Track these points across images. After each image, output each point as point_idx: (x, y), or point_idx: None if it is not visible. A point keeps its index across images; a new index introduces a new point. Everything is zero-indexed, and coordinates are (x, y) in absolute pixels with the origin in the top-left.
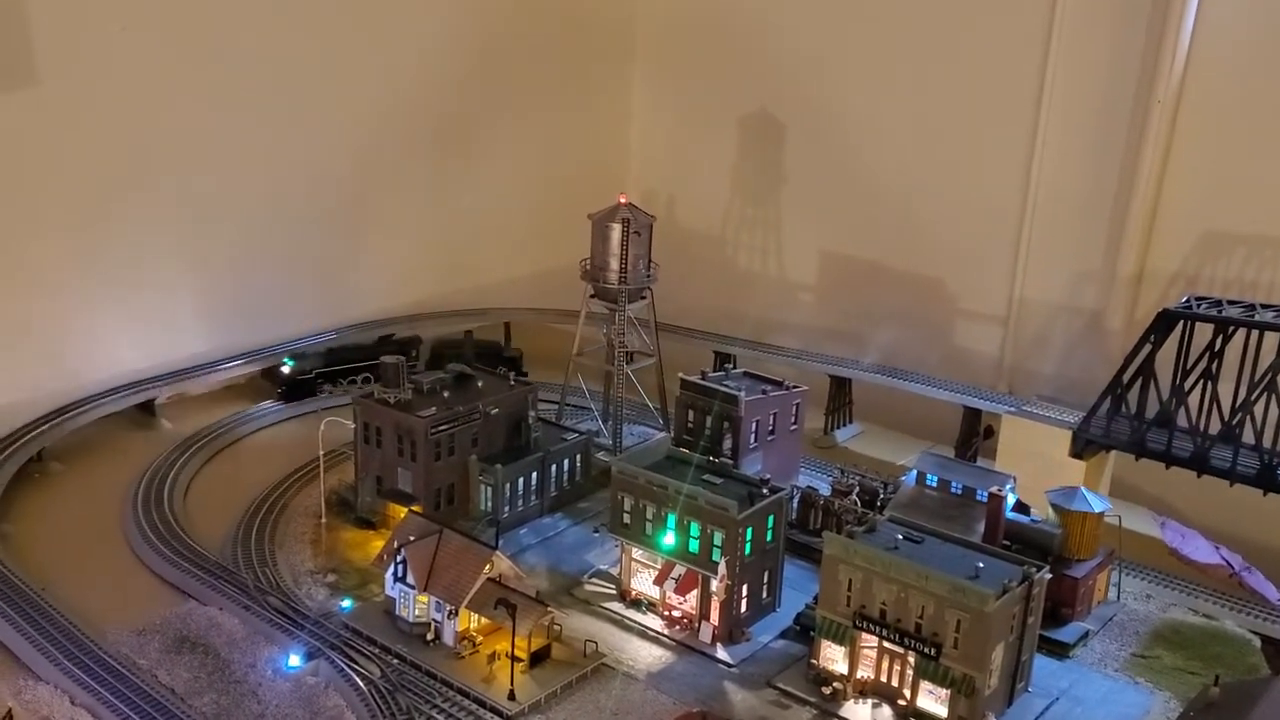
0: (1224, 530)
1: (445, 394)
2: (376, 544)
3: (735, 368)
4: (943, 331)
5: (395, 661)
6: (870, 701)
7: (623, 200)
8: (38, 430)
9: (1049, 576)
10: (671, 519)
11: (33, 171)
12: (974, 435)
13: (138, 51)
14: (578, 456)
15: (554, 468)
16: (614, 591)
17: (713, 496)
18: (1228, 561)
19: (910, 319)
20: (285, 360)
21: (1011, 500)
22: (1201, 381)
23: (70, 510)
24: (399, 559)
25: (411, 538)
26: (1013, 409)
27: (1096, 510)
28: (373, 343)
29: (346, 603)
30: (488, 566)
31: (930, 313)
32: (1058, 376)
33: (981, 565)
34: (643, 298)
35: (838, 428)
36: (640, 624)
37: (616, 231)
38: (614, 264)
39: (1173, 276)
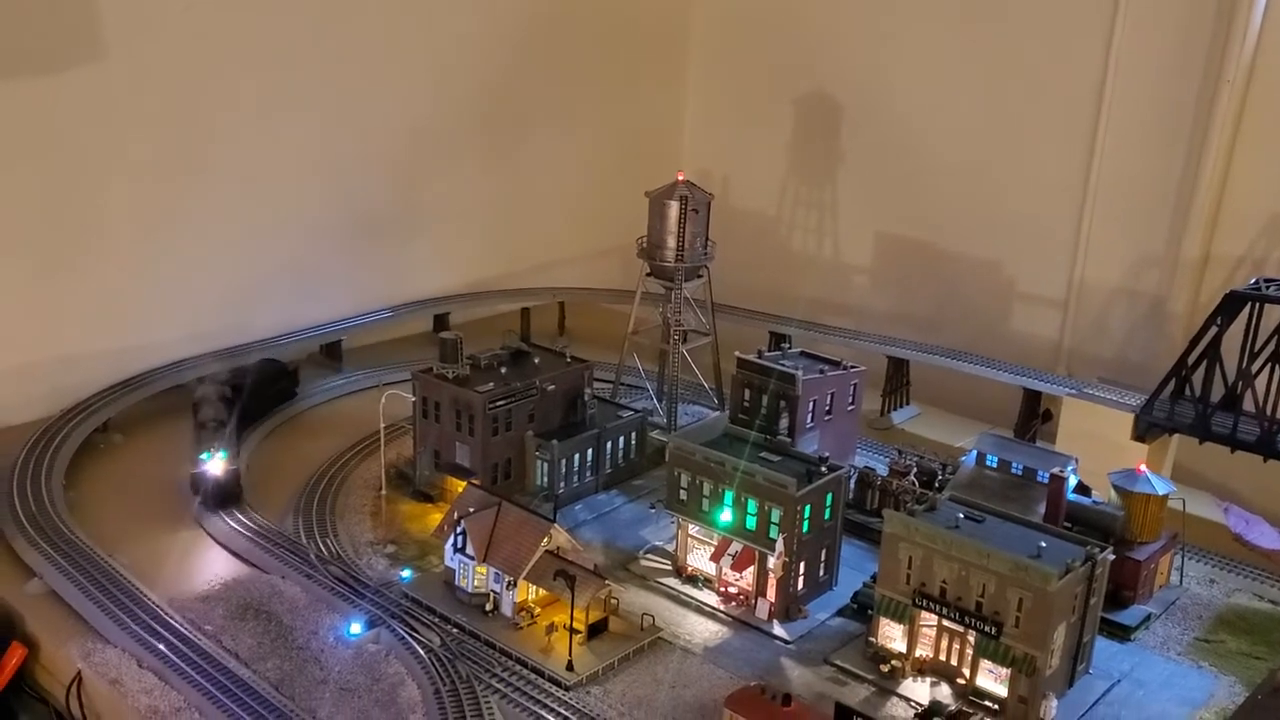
0: None
1: (502, 370)
2: (435, 517)
3: (791, 347)
4: (1001, 315)
5: (454, 631)
6: (929, 680)
7: (681, 178)
8: (104, 400)
9: (1112, 558)
10: (729, 496)
11: (100, 145)
12: (1033, 418)
13: (201, 30)
14: (633, 434)
15: (609, 445)
16: (670, 567)
17: (771, 473)
18: None
19: (968, 302)
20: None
21: (1073, 482)
22: (1269, 365)
23: (135, 480)
24: (459, 530)
25: (471, 509)
26: (1073, 391)
27: (1160, 492)
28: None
29: (406, 573)
30: (546, 539)
31: (988, 295)
32: (1118, 361)
33: (1044, 545)
34: (699, 276)
35: (895, 409)
36: (696, 600)
37: (674, 209)
38: (671, 241)
39: (1239, 260)
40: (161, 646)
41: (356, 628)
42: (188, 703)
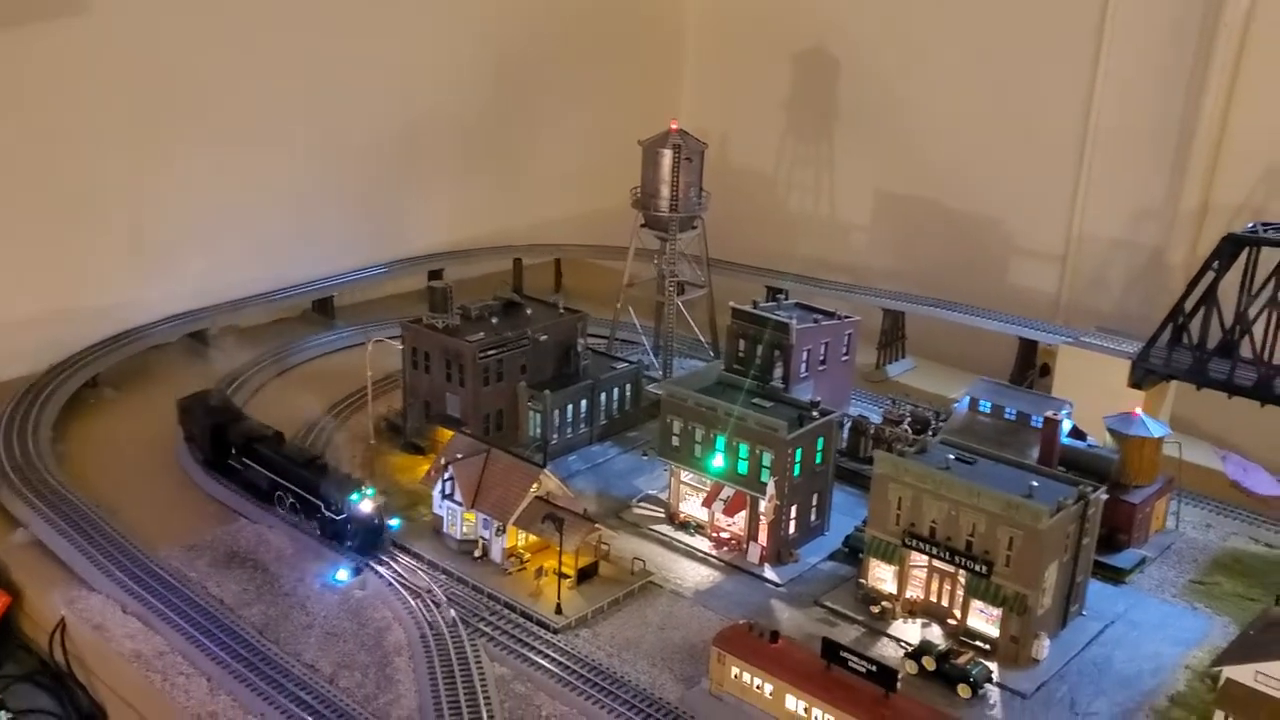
0: None
1: (494, 321)
2: (425, 467)
3: (788, 299)
4: (999, 270)
5: (443, 577)
6: (920, 621)
7: (674, 126)
8: (93, 356)
9: (1105, 498)
10: (721, 441)
11: (88, 101)
12: (1029, 368)
13: None
14: (627, 386)
15: (603, 396)
16: (662, 515)
17: (762, 417)
18: None
19: (967, 258)
20: None
21: (1067, 426)
22: (1267, 310)
23: (124, 434)
24: (446, 476)
25: (459, 455)
26: (1070, 339)
27: (1155, 435)
28: None
29: (395, 521)
30: (535, 484)
31: (987, 251)
32: (1117, 314)
33: (1035, 484)
34: (694, 227)
35: (890, 363)
36: (688, 545)
37: (668, 157)
38: (665, 191)
39: (1237, 210)
40: (145, 593)
41: (343, 574)
42: (172, 647)
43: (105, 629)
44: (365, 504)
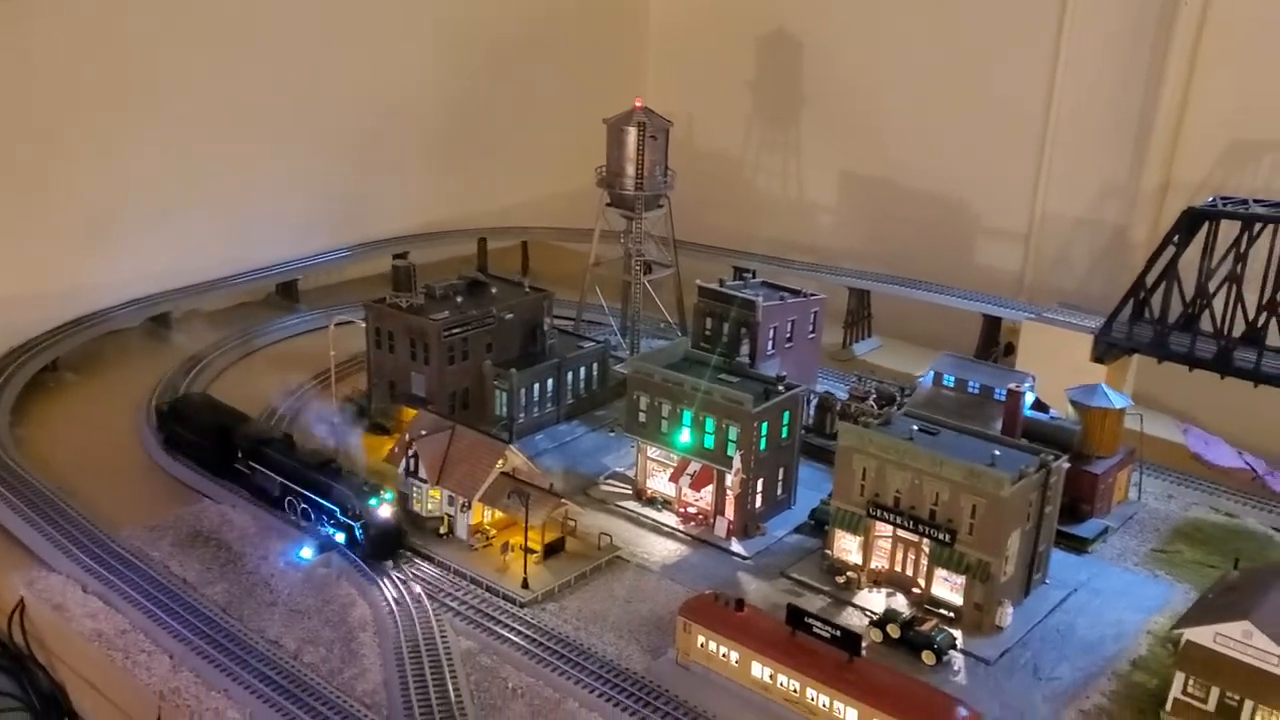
0: (1247, 443)
1: (458, 299)
2: (389, 446)
3: (755, 278)
4: (964, 250)
5: (408, 553)
6: (884, 591)
7: (639, 104)
8: (52, 340)
9: (1067, 466)
10: (687, 416)
11: (49, 84)
12: (993, 346)
13: None
14: (594, 365)
15: (570, 375)
16: (630, 491)
17: (729, 391)
18: (1251, 465)
19: (932, 239)
20: None
21: (1030, 399)
22: (1226, 284)
23: (84, 417)
24: (411, 453)
25: (423, 432)
26: (1033, 315)
27: (1117, 406)
28: None
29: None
30: (501, 460)
31: (952, 232)
32: (1080, 292)
33: (998, 453)
34: (659, 206)
35: (857, 342)
36: (656, 521)
37: (632, 135)
38: (630, 169)
39: (1198, 187)
40: (106, 572)
41: (308, 552)
42: (133, 625)
43: (65, 609)
44: (383, 509)
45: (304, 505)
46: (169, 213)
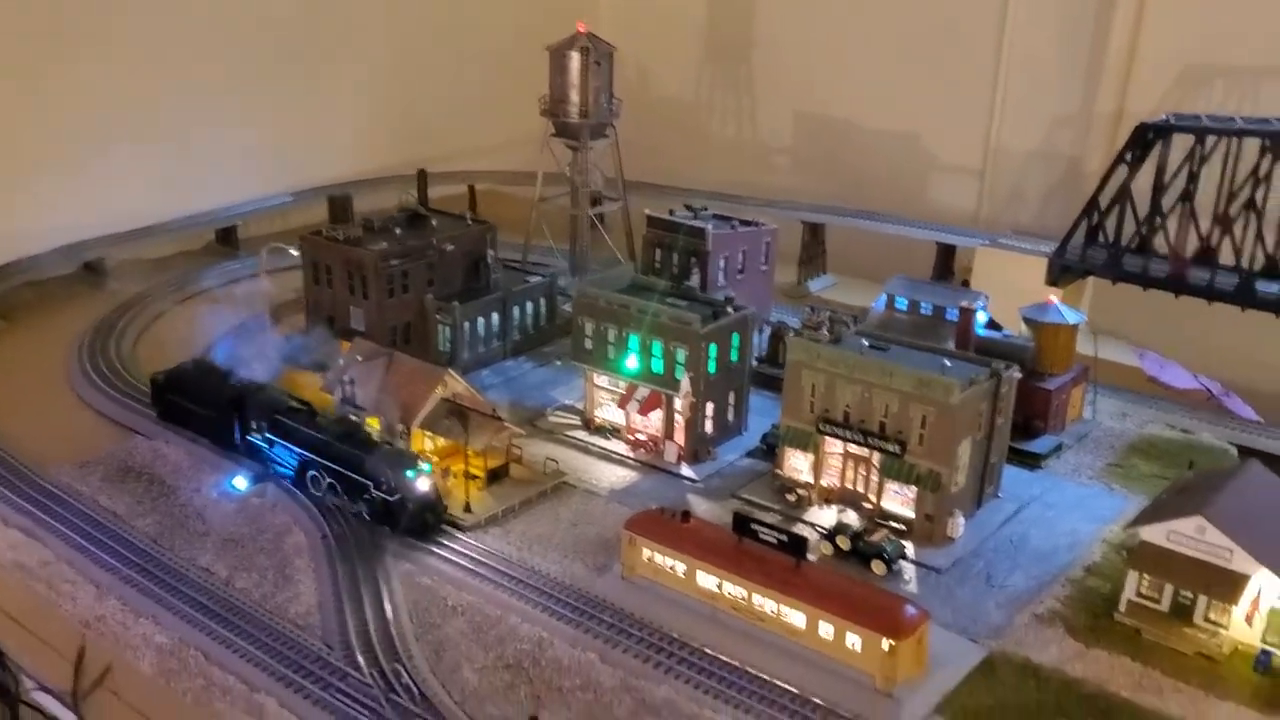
0: (1201, 370)
1: (397, 232)
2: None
3: (707, 212)
4: (919, 188)
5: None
6: (835, 507)
7: (581, 28)
8: None
9: (1019, 376)
10: (634, 340)
11: None
12: (947, 275)
13: None
14: (541, 300)
15: (516, 310)
16: (578, 422)
17: (675, 312)
18: (1206, 387)
19: (888, 177)
20: None
21: (983, 319)
22: (1180, 203)
23: (14, 362)
24: (347, 380)
25: (359, 358)
26: (986, 241)
27: (1070, 322)
28: None
29: None
30: (440, 386)
31: (906, 169)
32: (1036, 226)
33: (948, 364)
34: (605, 136)
35: (811, 279)
36: (604, 449)
37: (575, 61)
38: (574, 96)
39: (1151, 114)
40: (29, 505)
41: (241, 482)
42: (57, 557)
43: None
44: (421, 481)
45: (329, 480)
46: (98, 156)
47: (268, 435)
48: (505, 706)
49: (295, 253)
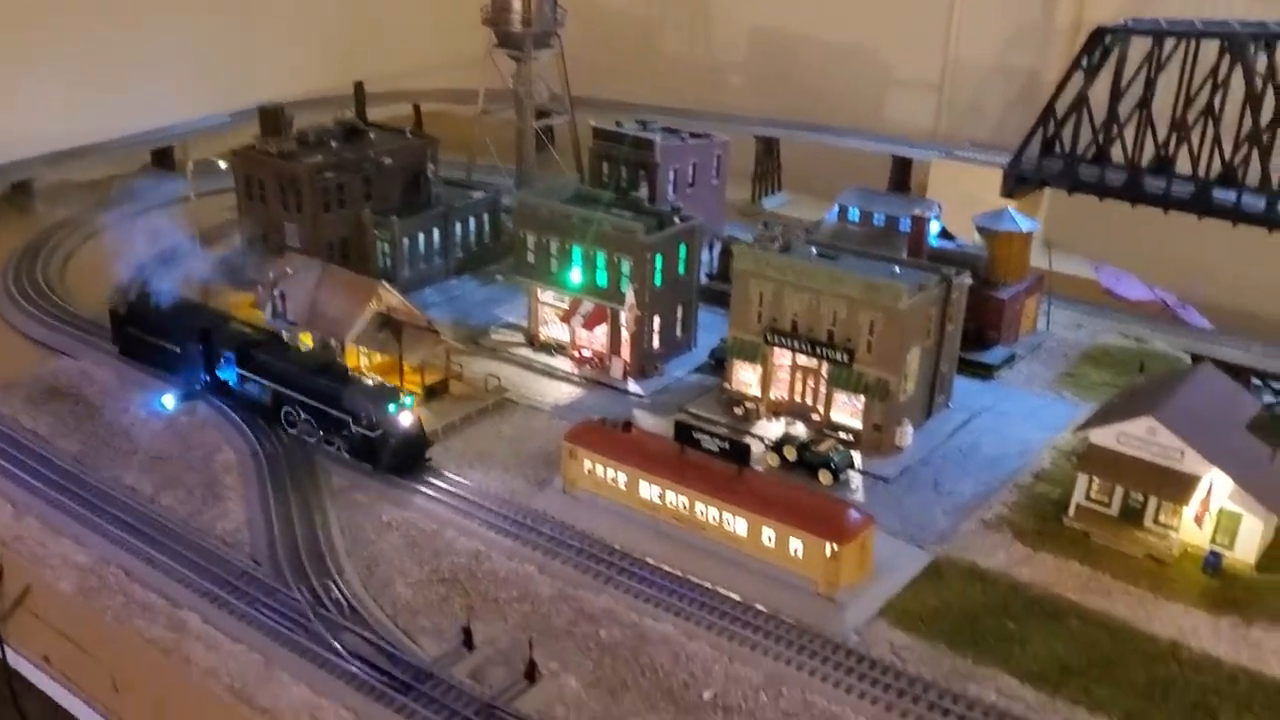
0: (1156, 282)
1: (333, 145)
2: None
3: (656, 124)
4: (877, 104)
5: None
6: (784, 420)
7: None
8: None
9: (970, 283)
10: (577, 252)
11: None
12: (903, 189)
13: None
14: (485, 216)
15: (459, 226)
16: (522, 340)
17: (620, 222)
18: (1162, 298)
19: (845, 93)
20: None
21: (937, 229)
22: (1136, 110)
23: None
24: (278, 294)
25: (289, 270)
26: (942, 153)
27: (1024, 230)
28: None
29: None
30: (374, 299)
31: (865, 85)
32: (994, 142)
33: (898, 270)
34: (550, 46)
35: (766, 196)
36: (549, 366)
37: None
38: (516, 4)
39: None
40: None
41: (170, 400)
42: None
43: None
44: (404, 416)
45: (306, 416)
46: (26, 75)
47: (239, 370)
48: (439, 619)
49: (224, 165)
